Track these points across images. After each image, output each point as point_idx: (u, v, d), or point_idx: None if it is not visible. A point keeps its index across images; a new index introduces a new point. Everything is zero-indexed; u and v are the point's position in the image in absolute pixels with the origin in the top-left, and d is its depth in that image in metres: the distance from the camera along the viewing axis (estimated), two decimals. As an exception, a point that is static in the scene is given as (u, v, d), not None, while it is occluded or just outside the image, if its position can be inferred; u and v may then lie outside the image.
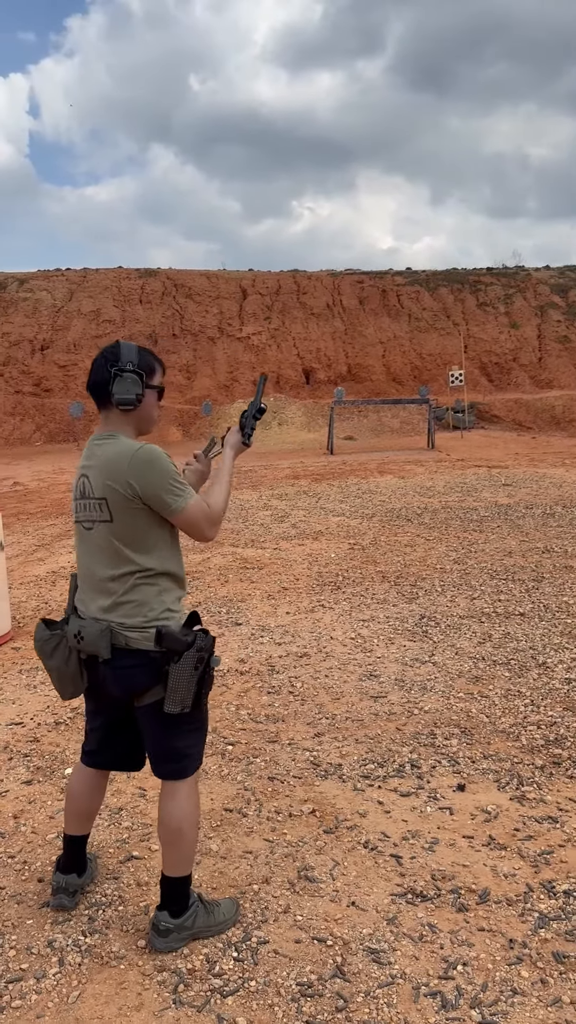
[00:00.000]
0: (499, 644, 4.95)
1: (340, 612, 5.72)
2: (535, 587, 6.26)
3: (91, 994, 2.16)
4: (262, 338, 32.36)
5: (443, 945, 2.34)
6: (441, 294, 34.48)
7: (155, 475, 2.16)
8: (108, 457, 2.19)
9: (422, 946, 2.34)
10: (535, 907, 2.50)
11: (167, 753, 2.32)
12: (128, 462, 2.15)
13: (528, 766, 3.41)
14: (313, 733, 3.77)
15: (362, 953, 2.30)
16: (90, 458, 2.25)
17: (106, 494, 2.18)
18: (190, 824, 2.34)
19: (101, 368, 2.23)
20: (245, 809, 3.10)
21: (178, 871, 2.34)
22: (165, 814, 2.33)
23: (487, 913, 2.48)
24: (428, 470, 14.52)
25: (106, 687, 2.31)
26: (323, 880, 2.65)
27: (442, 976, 2.21)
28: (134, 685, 2.24)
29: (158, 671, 2.20)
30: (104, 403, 2.27)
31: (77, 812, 2.51)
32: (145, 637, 2.20)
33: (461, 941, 2.35)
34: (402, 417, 24.57)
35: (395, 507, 10.32)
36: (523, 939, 2.35)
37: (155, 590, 2.24)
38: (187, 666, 2.18)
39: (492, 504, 10.39)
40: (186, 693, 2.19)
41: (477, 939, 2.36)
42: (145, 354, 2.27)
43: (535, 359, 32.79)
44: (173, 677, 2.18)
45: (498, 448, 19.10)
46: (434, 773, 3.37)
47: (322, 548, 7.92)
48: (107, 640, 2.20)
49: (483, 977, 2.21)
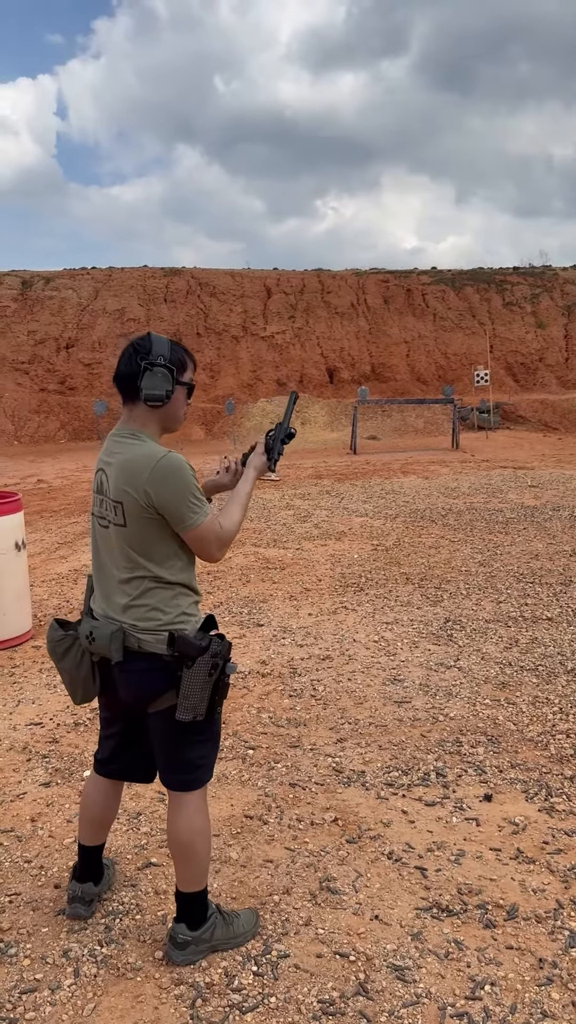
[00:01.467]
0: (526, 649, 4.84)
1: (363, 614, 5.63)
2: (563, 591, 6.13)
3: (106, 1007, 2.10)
4: (286, 337, 32.29)
5: (470, 963, 2.26)
6: (467, 293, 34.21)
7: (174, 487, 2.06)
8: (129, 460, 2.10)
9: (448, 964, 2.26)
10: (566, 924, 2.41)
11: (177, 763, 2.24)
12: (150, 470, 2.05)
13: (557, 776, 3.31)
14: (336, 738, 3.69)
15: (386, 970, 2.23)
16: (110, 455, 2.16)
17: (122, 499, 2.09)
18: (202, 838, 2.26)
19: (130, 360, 2.11)
20: (266, 816, 3.03)
21: (192, 886, 2.27)
22: (174, 829, 2.26)
23: (515, 930, 2.40)
24: (452, 470, 14.37)
25: (118, 691, 2.24)
26: (346, 892, 2.58)
27: (469, 996, 2.13)
28: (146, 689, 2.16)
29: (171, 676, 2.12)
30: (130, 397, 2.15)
31: (91, 822, 2.46)
32: (158, 640, 2.12)
33: (489, 959, 2.27)
34: (426, 417, 24.38)
35: (419, 508, 10.21)
36: (553, 958, 2.27)
37: (170, 594, 2.16)
38: (201, 672, 2.10)
39: (518, 505, 10.24)
40: (199, 700, 2.11)
41: (505, 957, 2.28)
42: (177, 348, 2.17)
43: (562, 359, 32.43)
44: (186, 683, 2.10)
45: (524, 449, 18.88)
46: (460, 782, 3.28)
47: (345, 549, 7.83)
48: (119, 642, 2.13)
49: (512, 998, 2.13)
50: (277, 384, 30.56)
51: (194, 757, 2.23)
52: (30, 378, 29.31)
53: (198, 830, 2.24)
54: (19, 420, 27.59)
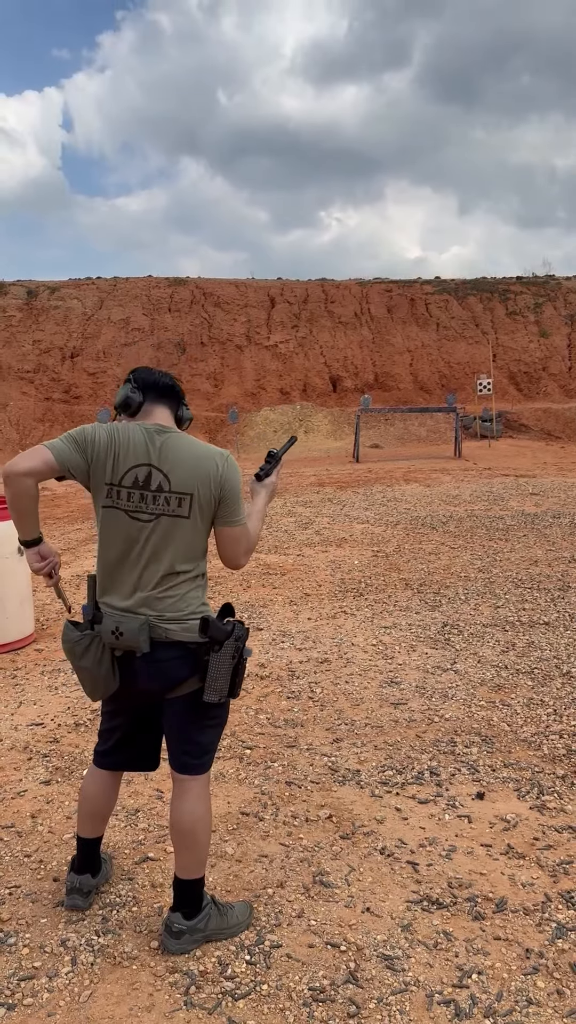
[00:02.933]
0: (523, 653, 4.90)
1: (362, 619, 5.69)
2: (561, 596, 6.18)
3: (103, 994, 2.16)
4: (289, 346, 32.43)
5: (458, 953, 2.31)
6: (470, 303, 34.34)
7: (238, 482, 2.27)
8: (199, 455, 2.23)
9: (437, 954, 2.31)
10: (553, 917, 2.46)
11: (191, 747, 2.33)
12: (225, 461, 2.24)
13: (549, 775, 3.36)
14: (332, 739, 3.75)
15: (376, 959, 2.28)
16: (156, 450, 2.21)
17: (193, 490, 2.21)
18: (204, 826, 2.34)
19: (171, 379, 2.35)
20: (262, 813, 3.09)
21: (191, 873, 2.34)
22: (178, 815, 2.33)
23: (504, 922, 2.45)
24: (454, 478, 14.43)
25: (139, 683, 2.30)
26: (338, 885, 2.63)
27: (456, 984, 2.18)
28: (171, 677, 2.26)
29: (196, 662, 2.23)
30: (173, 402, 2.34)
31: (90, 814, 2.52)
32: (185, 629, 2.23)
33: (476, 950, 2.32)
34: (429, 425, 24.46)
35: (420, 515, 10.27)
36: (540, 949, 2.32)
37: (194, 585, 2.29)
38: (227, 655, 2.22)
39: (519, 513, 10.29)
40: (224, 683, 2.23)
41: (493, 948, 2.33)
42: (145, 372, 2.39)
43: (565, 368, 32.51)
44: (213, 666, 2.21)
45: (526, 457, 18.94)
46: (453, 781, 3.33)
47: (346, 555, 7.89)
48: (146, 634, 2.21)
49: (498, 986, 2.18)
50: (280, 393, 30.68)
51: (206, 742, 2.33)
52: (35, 387, 29.49)
53: (200, 817, 2.32)
54: (24, 429, 27.74)
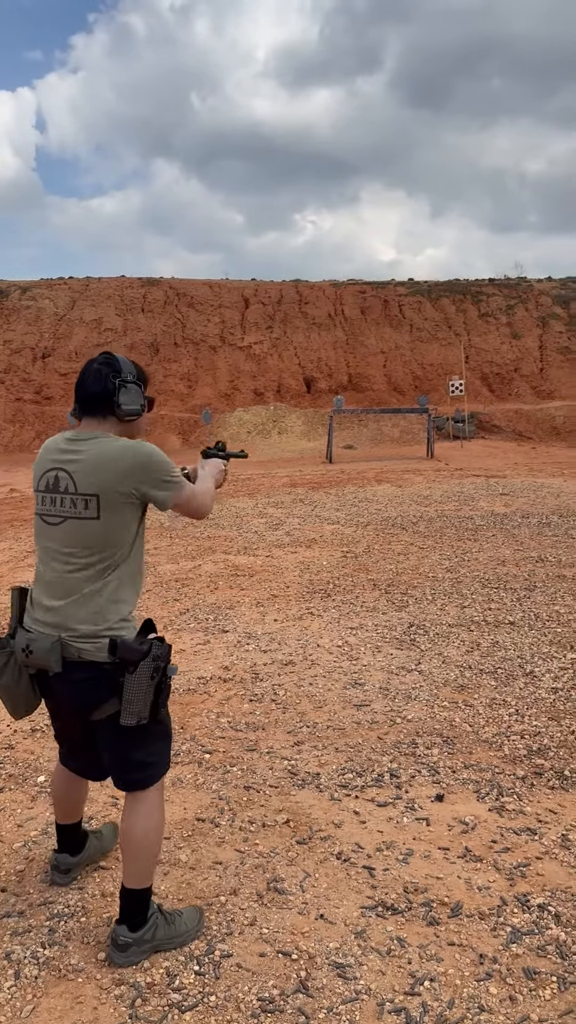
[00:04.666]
0: (487, 653, 4.89)
1: (328, 620, 5.66)
2: (527, 596, 6.19)
3: (45, 1008, 2.10)
4: (263, 347, 32.40)
5: (411, 960, 2.28)
6: (443, 304, 34.51)
7: (159, 464, 2.18)
8: (103, 452, 2.15)
9: (389, 961, 2.27)
10: (508, 921, 2.43)
11: (128, 765, 2.26)
12: (133, 452, 2.15)
13: (509, 776, 3.35)
14: (293, 742, 3.71)
15: (327, 968, 2.24)
16: (69, 454, 2.17)
17: (98, 491, 2.12)
18: (155, 834, 2.29)
19: (103, 379, 2.20)
20: (218, 819, 3.04)
21: (139, 883, 2.29)
22: (128, 826, 2.27)
23: (458, 927, 2.42)
24: (426, 479, 14.46)
25: (58, 702, 2.26)
26: (292, 892, 2.59)
27: (408, 992, 2.15)
28: (87, 699, 2.17)
29: (112, 684, 2.13)
30: (100, 412, 2.22)
31: (60, 803, 2.59)
32: (98, 648, 2.14)
33: (430, 956, 2.29)
34: (402, 426, 24.52)
35: (390, 515, 10.26)
36: (494, 954, 2.29)
37: (112, 598, 2.18)
38: (143, 677, 2.12)
39: (488, 513, 10.32)
40: (143, 705, 2.13)
41: (446, 954, 2.30)
42: (137, 366, 2.31)
43: (536, 369, 32.76)
44: (128, 688, 2.11)
45: (497, 458, 19.04)
46: (413, 783, 3.30)
47: (315, 556, 7.86)
48: (57, 653, 2.13)
49: (450, 993, 2.14)
50: (254, 394, 30.63)
51: (143, 756, 2.24)
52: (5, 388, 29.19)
53: (153, 826, 2.27)
54: (-5, 430, 27.45)
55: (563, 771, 3.37)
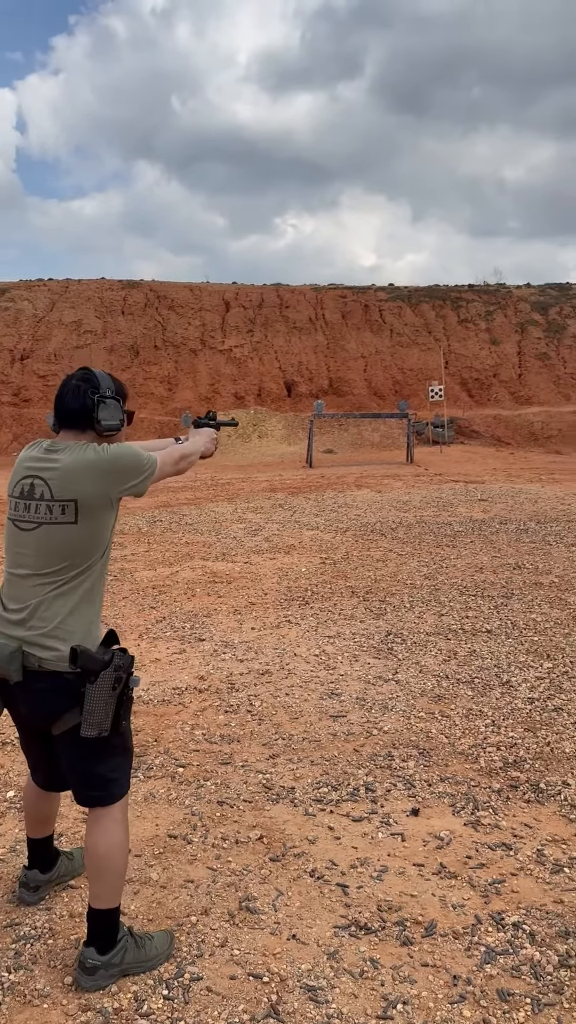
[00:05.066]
0: (464, 662, 4.87)
1: (306, 628, 5.62)
2: (504, 603, 6.19)
3: (9, 1036, 2.04)
4: (244, 351, 32.37)
5: (384, 982, 2.24)
6: (423, 310, 34.66)
7: (128, 454, 2.18)
8: (78, 459, 2.14)
9: (362, 983, 2.24)
10: (482, 940, 2.41)
11: (89, 780, 2.22)
12: (101, 454, 2.14)
13: (485, 789, 3.32)
14: (268, 755, 3.67)
15: (299, 991, 2.20)
16: (45, 462, 2.16)
17: (76, 495, 2.11)
18: (119, 853, 2.24)
19: (82, 395, 2.19)
20: (191, 835, 2.99)
21: (106, 903, 2.24)
22: (92, 843, 2.23)
23: (432, 947, 2.38)
24: (406, 484, 14.48)
25: (20, 711, 2.22)
26: (265, 911, 2.54)
27: (380, 1016, 2.11)
28: (48, 709, 2.15)
29: (73, 694, 2.10)
30: (78, 426, 2.22)
31: (30, 817, 2.55)
32: (59, 657, 2.11)
33: (403, 978, 2.26)
34: (382, 431, 24.57)
35: (370, 521, 10.26)
36: (468, 975, 2.26)
37: (76, 604, 2.16)
38: (104, 687, 2.09)
39: (467, 519, 10.34)
40: (104, 716, 2.10)
41: (420, 975, 2.27)
42: (116, 381, 2.29)
43: (515, 375, 32.99)
44: (90, 699, 2.08)
45: (476, 463, 19.11)
46: (388, 797, 3.27)
47: (293, 562, 7.83)
48: (18, 662, 2.10)
49: (423, 1017, 2.11)
50: (235, 397, 30.58)
51: (105, 772, 2.20)
52: (-16, 390, 28.94)
53: (116, 843, 2.22)
54: (-28, 432, 27.21)
55: (539, 784, 3.36)
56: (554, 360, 33.42)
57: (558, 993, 2.19)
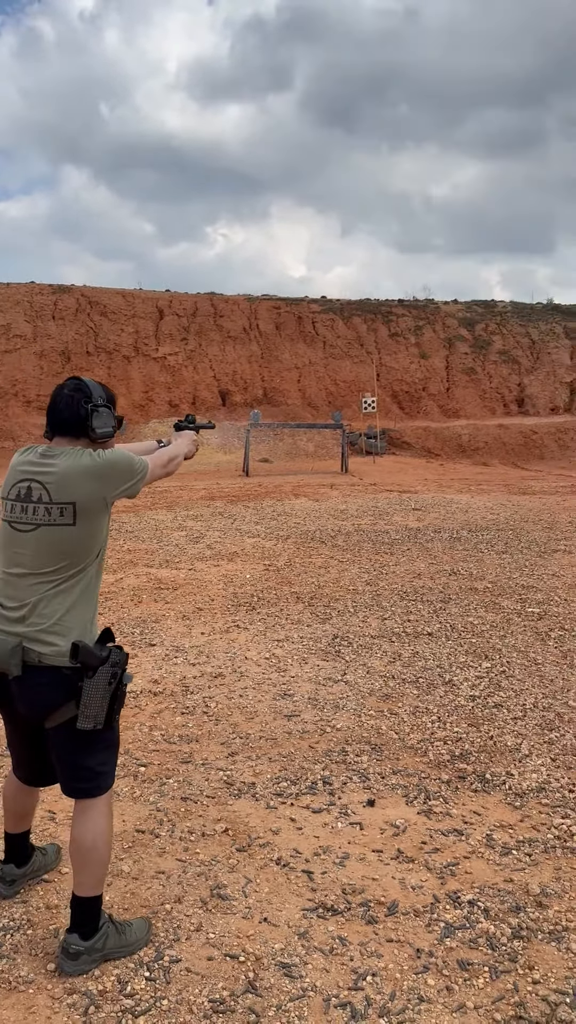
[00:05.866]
0: (408, 663, 5.08)
1: (255, 632, 5.75)
2: (442, 608, 6.44)
3: (-2, 1020, 2.11)
4: (178, 359, 32.31)
5: (353, 957, 2.39)
6: (355, 323, 35.21)
7: (121, 458, 2.30)
8: (75, 464, 2.24)
9: (333, 959, 2.38)
10: (441, 917, 2.58)
11: (79, 772, 2.32)
12: (96, 458, 2.25)
13: (435, 780, 3.51)
14: (227, 753, 3.78)
15: (274, 968, 2.33)
16: (42, 466, 2.26)
17: (75, 498, 2.21)
18: (104, 843, 2.34)
19: (76, 405, 2.29)
20: (158, 830, 3.09)
21: (90, 891, 2.33)
22: (79, 833, 2.32)
23: (395, 924, 2.55)
24: (342, 493, 14.76)
25: (15, 705, 2.30)
26: (235, 898, 2.67)
27: (352, 987, 2.26)
28: (44, 703, 2.24)
29: (71, 688, 2.21)
30: (73, 434, 2.31)
31: (9, 812, 2.60)
32: (59, 653, 2.21)
33: (370, 953, 2.41)
34: (317, 441, 24.89)
35: (309, 529, 10.45)
36: (430, 948, 2.43)
37: (73, 602, 2.26)
38: (101, 682, 2.20)
39: (403, 527, 10.64)
40: (99, 709, 2.21)
41: (386, 950, 2.42)
42: (106, 388, 2.40)
43: (443, 389, 33.80)
44: (87, 693, 2.19)
45: (408, 473, 19.57)
46: (345, 789, 3.43)
47: (237, 569, 7.94)
48: (18, 657, 2.19)
49: (391, 987, 2.27)
50: (169, 405, 30.50)
51: (94, 764, 2.31)
52: None
53: (102, 834, 2.32)
54: None
55: (484, 775, 3.57)
56: (480, 375, 34.38)
57: (512, 961, 2.38)
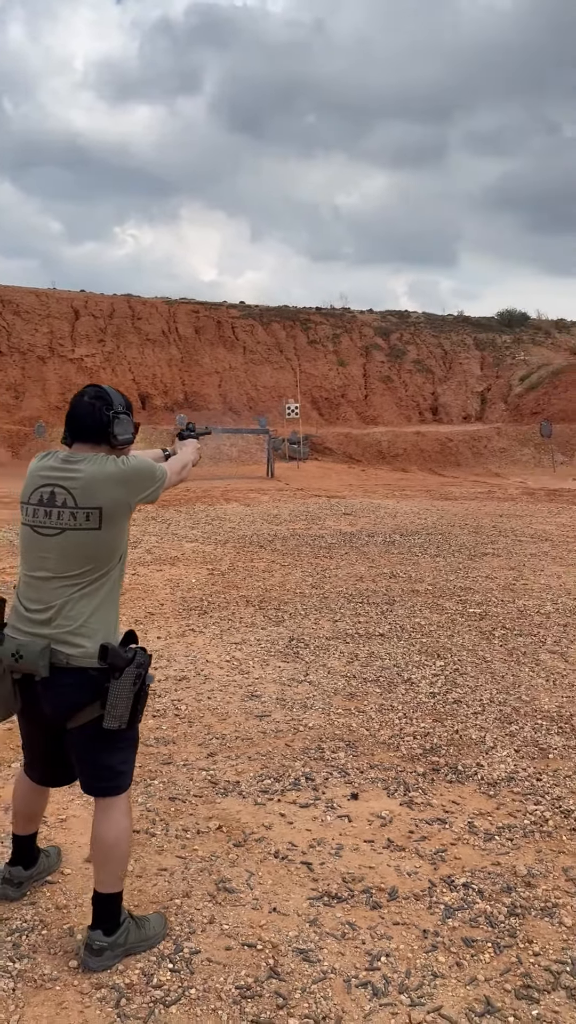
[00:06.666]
0: (366, 663, 5.24)
1: (211, 636, 5.81)
2: (389, 610, 6.64)
3: (31, 1017, 2.13)
4: (96, 360, 31.84)
5: (364, 941, 2.50)
6: (274, 329, 35.48)
7: (142, 465, 2.37)
8: (100, 470, 2.29)
9: (346, 943, 2.49)
10: (440, 900, 2.72)
11: (101, 771, 2.36)
12: (121, 464, 2.31)
13: (411, 773, 3.67)
14: (206, 753, 3.84)
15: (292, 954, 2.42)
16: (66, 471, 2.30)
17: (102, 503, 2.26)
18: (125, 840, 2.39)
19: (98, 412, 2.34)
20: (152, 829, 3.13)
21: (111, 887, 2.37)
22: (102, 831, 2.36)
23: (399, 908, 2.67)
24: (272, 498, 14.90)
25: (40, 706, 2.32)
26: (242, 890, 2.74)
27: (368, 968, 2.37)
28: (70, 703, 2.28)
29: (96, 689, 2.25)
30: (94, 440, 2.36)
31: (19, 814, 2.62)
32: (86, 654, 2.25)
33: (380, 935, 2.53)
34: (240, 446, 24.97)
35: (246, 534, 10.53)
36: (435, 929, 2.57)
37: (99, 605, 2.31)
38: (127, 683, 2.25)
39: (337, 532, 10.84)
40: (124, 710, 2.27)
41: (394, 932, 2.55)
42: (124, 396, 2.45)
43: (361, 396, 34.44)
44: (113, 693, 2.24)
45: (332, 479, 19.88)
46: (327, 784, 3.54)
47: (181, 573, 7.96)
48: (47, 658, 2.22)
49: (405, 965, 2.39)
50: (87, 408, 30.02)
51: (116, 763, 2.35)
52: None
53: (123, 831, 2.37)
54: None
55: (456, 766, 3.74)
56: (396, 384, 35.18)
57: (512, 936, 2.54)
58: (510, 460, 26.99)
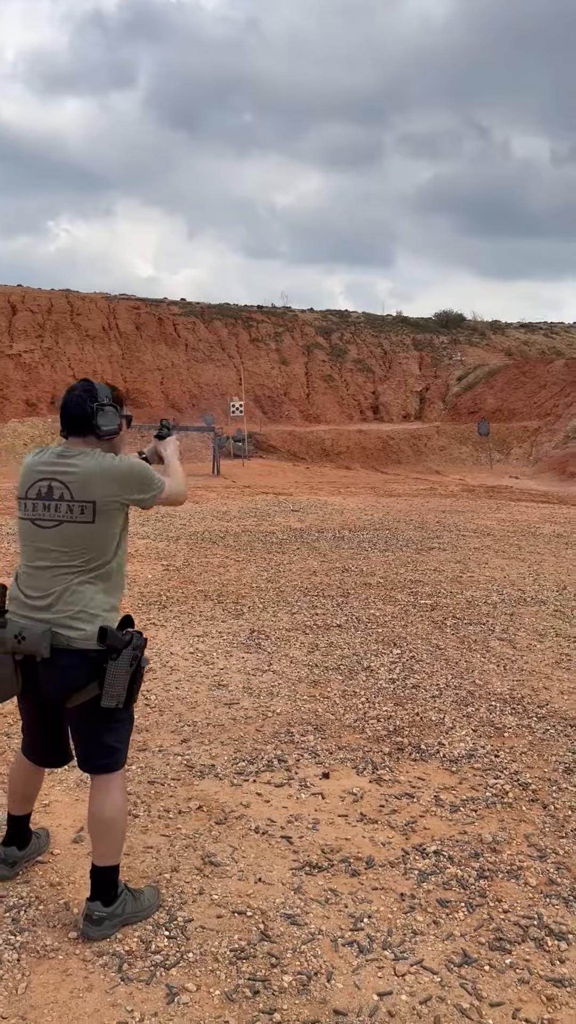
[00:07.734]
0: (327, 652, 5.41)
1: (173, 629, 5.90)
2: (344, 602, 6.83)
3: (39, 984, 2.23)
4: (34, 356, 31.37)
5: (347, 905, 2.67)
6: (216, 327, 35.49)
7: (142, 470, 2.50)
8: (98, 465, 2.39)
9: (329, 907, 2.65)
10: (414, 866, 2.90)
11: (98, 749, 2.47)
12: (126, 466, 2.45)
13: (378, 753, 3.85)
14: (180, 740, 3.95)
15: (280, 919, 2.57)
16: (60, 466, 2.40)
17: (95, 498, 2.36)
18: (121, 815, 2.50)
19: (82, 404, 2.44)
20: (135, 811, 3.23)
21: (109, 860, 2.48)
22: (98, 807, 2.47)
23: (376, 875, 2.84)
24: (219, 496, 14.99)
25: (40, 687, 2.42)
26: (227, 863, 2.87)
27: (353, 928, 2.54)
28: (69, 683, 2.38)
29: (93, 670, 2.37)
30: (83, 433, 2.46)
31: (16, 794, 2.70)
32: (85, 636, 2.36)
33: (361, 899, 2.69)
34: (184, 444, 24.90)
35: (197, 530, 10.62)
36: (411, 892, 2.74)
37: (97, 590, 2.42)
38: (124, 664, 2.37)
39: (287, 528, 11.01)
40: (122, 689, 2.38)
41: (374, 896, 2.72)
42: (114, 389, 2.56)
43: (303, 395, 34.71)
44: (111, 673, 2.36)
45: (278, 476, 20.06)
46: (300, 765, 3.70)
47: (136, 569, 8.01)
48: (48, 640, 2.33)
49: (387, 925, 2.56)
50: (27, 404, 29.55)
51: (112, 741, 2.47)
52: None
53: (119, 807, 2.49)
54: None
55: (419, 745, 3.94)
56: (338, 382, 35.57)
57: (483, 897, 2.74)
58: (449, 458, 27.60)
